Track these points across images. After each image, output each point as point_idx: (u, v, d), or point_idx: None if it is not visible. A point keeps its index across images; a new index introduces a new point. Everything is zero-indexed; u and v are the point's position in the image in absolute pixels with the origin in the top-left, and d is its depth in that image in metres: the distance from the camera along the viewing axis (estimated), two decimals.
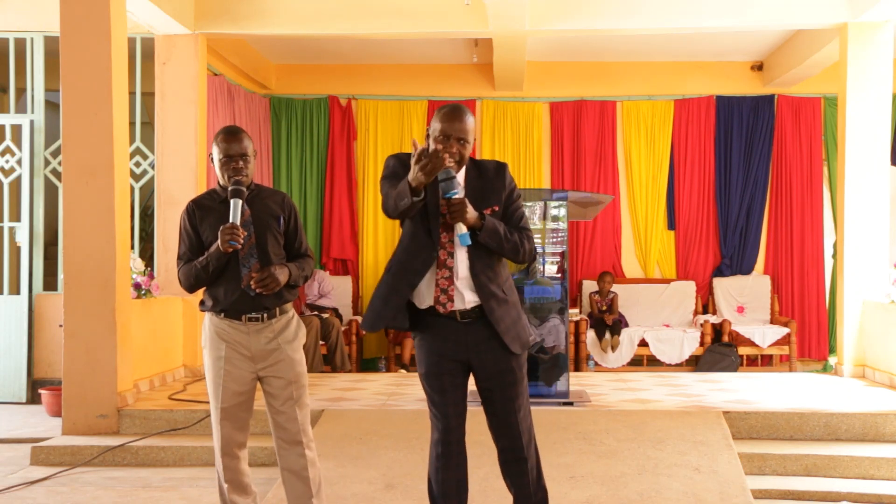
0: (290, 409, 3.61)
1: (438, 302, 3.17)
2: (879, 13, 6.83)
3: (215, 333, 3.60)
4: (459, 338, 3.20)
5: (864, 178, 7.08)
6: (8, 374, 7.47)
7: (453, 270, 3.17)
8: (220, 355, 3.58)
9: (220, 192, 3.67)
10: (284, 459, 3.65)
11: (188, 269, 3.60)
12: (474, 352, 3.20)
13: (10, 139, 7.64)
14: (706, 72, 9.49)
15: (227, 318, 3.58)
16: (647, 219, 9.47)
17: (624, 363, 8.71)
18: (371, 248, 9.56)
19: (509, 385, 3.21)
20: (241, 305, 3.56)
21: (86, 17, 5.74)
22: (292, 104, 9.56)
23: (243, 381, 3.60)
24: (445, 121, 3.14)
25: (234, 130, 3.63)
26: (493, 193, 3.21)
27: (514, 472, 3.25)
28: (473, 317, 3.18)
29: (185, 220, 3.66)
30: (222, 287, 3.57)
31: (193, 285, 3.62)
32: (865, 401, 5.95)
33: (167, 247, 7.11)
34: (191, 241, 3.64)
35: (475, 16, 7.11)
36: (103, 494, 4.74)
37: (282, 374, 3.61)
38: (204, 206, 3.67)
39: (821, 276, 9.34)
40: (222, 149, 3.59)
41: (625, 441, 5.08)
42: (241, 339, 3.58)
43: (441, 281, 3.17)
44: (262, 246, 3.60)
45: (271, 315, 3.60)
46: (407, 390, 6.64)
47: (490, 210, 3.17)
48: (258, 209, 3.64)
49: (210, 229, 3.59)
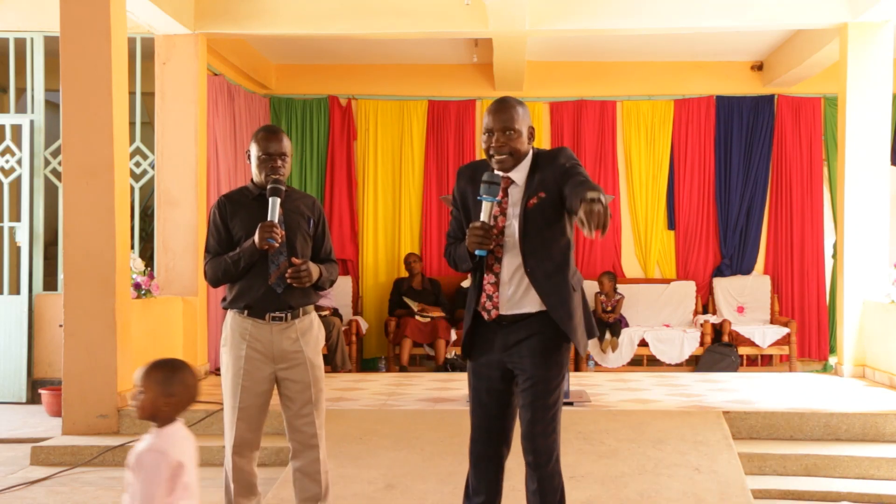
0: (309, 412, 3.61)
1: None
2: (879, 13, 6.83)
3: (237, 333, 3.59)
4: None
5: (864, 178, 7.08)
6: (8, 374, 7.47)
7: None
8: (240, 354, 3.57)
9: (252, 189, 3.68)
10: (299, 461, 3.66)
11: (217, 262, 3.60)
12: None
13: (10, 139, 7.64)
14: (706, 72, 9.49)
15: (251, 317, 3.58)
16: (647, 219, 9.47)
17: (624, 363, 8.71)
18: (371, 248, 9.56)
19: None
20: (267, 303, 3.57)
21: (86, 17, 5.74)
22: (292, 104, 9.56)
23: (262, 381, 3.59)
24: (488, 115, 3.05)
25: (274, 129, 3.66)
26: (541, 183, 3.04)
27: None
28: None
29: (216, 214, 3.66)
30: (248, 283, 3.57)
31: (220, 279, 3.62)
32: (865, 401, 5.95)
33: (167, 247, 7.11)
34: (220, 236, 3.64)
35: (475, 16, 7.11)
36: (103, 494, 4.74)
37: (300, 377, 3.60)
38: (235, 201, 3.68)
39: (821, 276, 9.34)
40: (262, 147, 3.61)
41: (625, 441, 5.08)
42: (264, 339, 3.57)
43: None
44: (292, 245, 3.61)
45: (295, 315, 3.61)
46: (407, 390, 6.64)
47: (536, 198, 3.01)
48: (290, 209, 3.65)
49: (241, 225, 3.60)
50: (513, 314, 3.10)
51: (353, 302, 9.41)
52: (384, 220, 9.56)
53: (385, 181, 9.57)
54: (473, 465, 3.21)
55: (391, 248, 9.57)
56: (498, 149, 3.01)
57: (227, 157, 8.07)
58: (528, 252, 3.04)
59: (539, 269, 3.04)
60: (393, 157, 9.55)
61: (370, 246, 9.56)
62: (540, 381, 3.07)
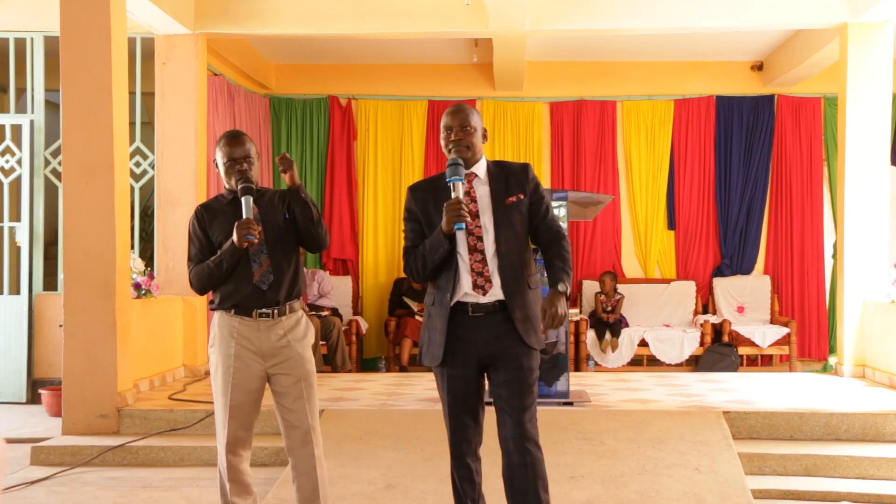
0: (301, 407, 3.62)
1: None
2: (879, 13, 6.83)
3: (226, 331, 3.62)
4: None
5: (864, 178, 7.08)
6: (8, 374, 7.47)
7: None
8: (229, 353, 3.60)
9: (226, 195, 3.73)
10: (295, 458, 3.66)
11: (200, 269, 3.64)
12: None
13: (10, 139, 7.64)
14: (706, 72, 9.49)
15: (238, 315, 3.61)
16: (647, 219, 9.47)
17: (624, 363, 8.71)
18: (371, 248, 9.56)
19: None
20: (253, 301, 3.60)
21: (86, 17, 5.74)
22: (292, 104, 9.56)
23: (253, 378, 3.61)
24: (447, 116, 3.34)
25: (235, 134, 3.71)
26: (517, 185, 3.29)
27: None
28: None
29: (195, 224, 3.70)
30: (233, 284, 3.61)
31: (206, 285, 3.66)
32: (865, 401, 5.95)
33: (167, 247, 7.11)
34: (201, 244, 3.68)
35: (475, 16, 7.12)
36: (103, 494, 4.74)
37: (290, 371, 3.62)
38: (212, 209, 3.72)
39: (821, 276, 9.34)
40: (225, 153, 3.66)
41: (625, 441, 5.08)
42: (252, 336, 3.60)
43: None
44: (271, 241, 3.65)
45: (282, 312, 3.64)
46: (407, 390, 6.64)
47: (515, 198, 3.26)
48: (264, 206, 3.70)
49: (220, 230, 3.64)
50: (492, 301, 3.22)
51: (353, 302, 9.40)
52: (384, 220, 9.56)
53: (385, 181, 9.57)
54: (459, 465, 3.35)
55: (391, 248, 9.57)
56: (457, 142, 3.28)
57: None
58: (501, 241, 3.23)
59: (507, 260, 3.22)
60: (393, 157, 9.55)
61: (370, 246, 9.56)
62: (527, 370, 3.25)
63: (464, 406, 3.29)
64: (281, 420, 3.66)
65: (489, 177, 3.31)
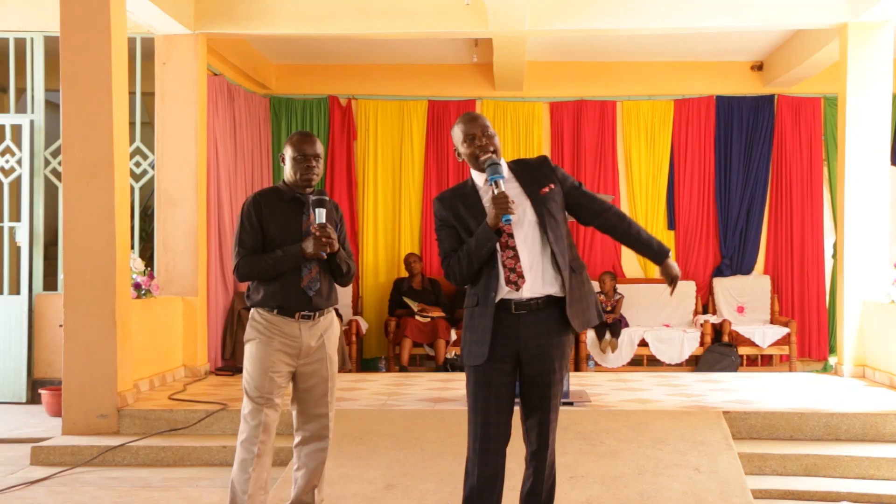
0: (324, 406, 3.84)
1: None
2: (879, 13, 6.83)
3: (266, 328, 3.73)
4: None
5: (864, 178, 7.08)
6: (8, 374, 7.47)
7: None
8: (274, 348, 3.72)
9: (285, 190, 3.83)
10: (307, 452, 3.86)
11: (255, 261, 3.73)
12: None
13: (10, 139, 7.64)
14: (706, 72, 9.49)
15: (280, 315, 3.73)
16: (647, 219, 9.47)
17: (624, 363, 8.71)
18: (371, 247, 9.56)
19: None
20: (298, 304, 3.73)
21: (86, 17, 5.74)
22: (292, 104, 9.55)
23: (286, 376, 3.78)
24: (465, 123, 3.39)
25: (308, 133, 3.88)
26: (544, 177, 3.40)
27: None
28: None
29: (251, 212, 3.78)
30: (281, 285, 3.73)
31: (256, 277, 3.76)
32: (865, 401, 5.95)
33: (167, 247, 7.11)
34: (255, 234, 3.77)
35: (475, 16, 7.12)
36: (103, 494, 4.74)
37: (321, 371, 3.81)
38: (270, 200, 3.81)
39: (821, 276, 9.34)
40: (297, 148, 3.79)
41: (625, 441, 5.08)
42: (293, 334, 3.74)
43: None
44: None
45: (321, 314, 3.80)
46: (407, 390, 6.64)
47: (548, 188, 3.35)
48: (326, 219, 3.79)
49: (277, 226, 3.76)
50: (534, 297, 3.27)
51: (353, 302, 9.40)
52: (384, 220, 9.56)
53: (385, 181, 9.57)
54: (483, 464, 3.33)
55: (391, 248, 9.57)
56: (484, 147, 3.35)
57: (227, 157, 8.07)
58: (549, 230, 3.28)
59: (558, 247, 3.28)
60: (393, 158, 9.55)
61: (370, 246, 9.56)
62: (559, 370, 3.34)
63: (496, 403, 3.31)
64: (301, 417, 3.84)
65: (514, 175, 3.41)
